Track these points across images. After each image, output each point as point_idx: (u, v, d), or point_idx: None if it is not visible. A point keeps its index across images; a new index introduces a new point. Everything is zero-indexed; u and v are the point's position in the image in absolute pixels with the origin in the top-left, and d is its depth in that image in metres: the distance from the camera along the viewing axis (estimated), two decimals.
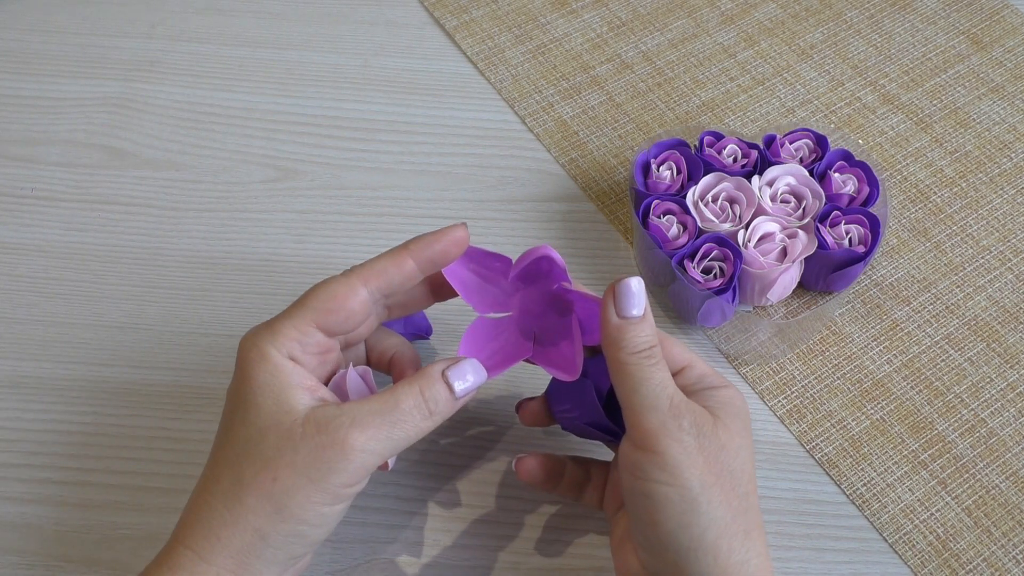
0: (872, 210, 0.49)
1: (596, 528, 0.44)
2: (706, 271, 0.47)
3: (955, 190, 0.55)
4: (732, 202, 0.49)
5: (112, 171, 0.56)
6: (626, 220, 0.54)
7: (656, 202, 0.48)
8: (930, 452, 0.46)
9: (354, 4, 0.65)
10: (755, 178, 0.49)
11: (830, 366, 0.49)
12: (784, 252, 0.47)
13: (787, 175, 0.49)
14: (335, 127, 0.58)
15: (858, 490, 0.45)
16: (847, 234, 0.48)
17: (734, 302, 0.46)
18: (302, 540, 0.33)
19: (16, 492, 0.44)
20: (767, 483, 0.45)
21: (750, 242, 0.47)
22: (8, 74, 0.60)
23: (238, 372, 0.35)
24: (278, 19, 0.64)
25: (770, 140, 0.51)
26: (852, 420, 0.47)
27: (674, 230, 0.47)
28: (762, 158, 0.50)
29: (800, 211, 0.48)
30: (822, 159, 0.50)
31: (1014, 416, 0.47)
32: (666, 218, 0.48)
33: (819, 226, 0.47)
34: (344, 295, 0.35)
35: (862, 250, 0.47)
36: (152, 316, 0.50)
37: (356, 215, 0.54)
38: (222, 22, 0.64)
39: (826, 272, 0.49)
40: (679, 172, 0.50)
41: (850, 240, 0.48)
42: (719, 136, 0.51)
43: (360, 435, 0.33)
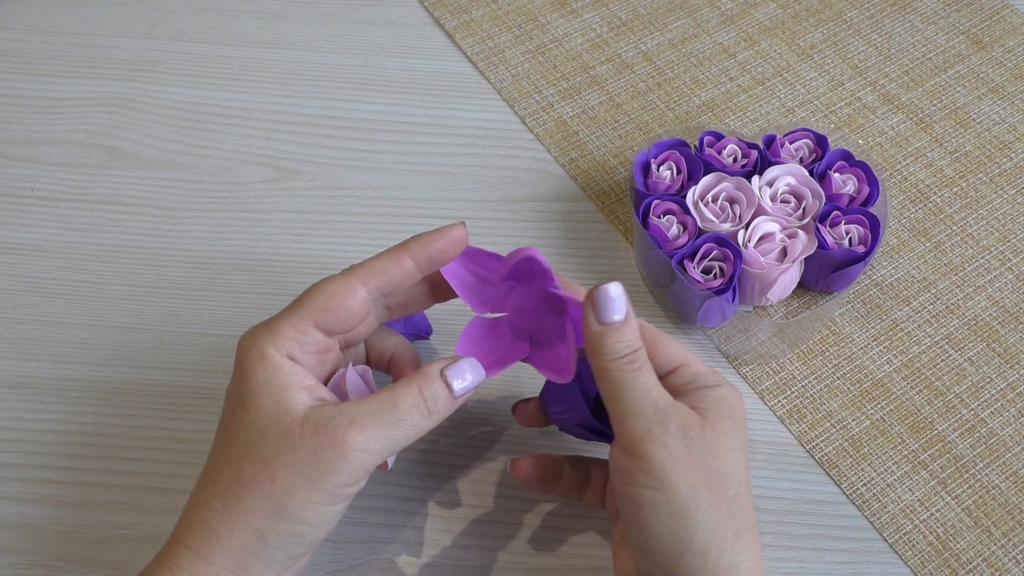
0: (872, 210, 0.49)
1: (596, 528, 0.44)
2: (706, 271, 0.47)
3: (955, 190, 0.55)
4: (732, 202, 0.48)
5: (112, 171, 0.56)
6: (626, 220, 0.54)
7: (656, 202, 0.48)
8: (930, 452, 0.46)
9: (354, 4, 0.65)
10: (755, 178, 0.49)
11: (830, 366, 0.49)
12: (784, 252, 0.47)
13: (787, 175, 0.49)
14: (335, 127, 0.58)
15: (858, 490, 0.45)
16: (847, 234, 0.48)
17: (734, 302, 0.46)
18: (301, 540, 0.33)
19: (16, 492, 0.44)
20: (767, 483, 0.45)
21: (750, 242, 0.47)
22: (8, 74, 0.60)
23: (237, 371, 0.35)
24: (278, 19, 0.64)
25: (770, 140, 0.51)
26: (852, 420, 0.47)
27: (674, 230, 0.47)
28: (762, 158, 0.50)
29: (800, 211, 0.48)
30: (822, 159, 0.50)
31: (1014, 416, 0.47)
32: (666, 218, 0.48)
33: (819, 226, 0.47)
34: (343, 294, 0.35)
35: (862, 250, 0.47)
36: (152, 316, 0.50)
37: (356, 215, 0.54)
38: (222, 22, 0.64)
39: (826, 272, 0.49)
40: (679, 172, 0.50)
41: (850, 240, 0.48)
42: (719, 136, 0.51)
43: (359, 435, 0.33)
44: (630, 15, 0.64)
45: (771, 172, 0.49)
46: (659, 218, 0.48)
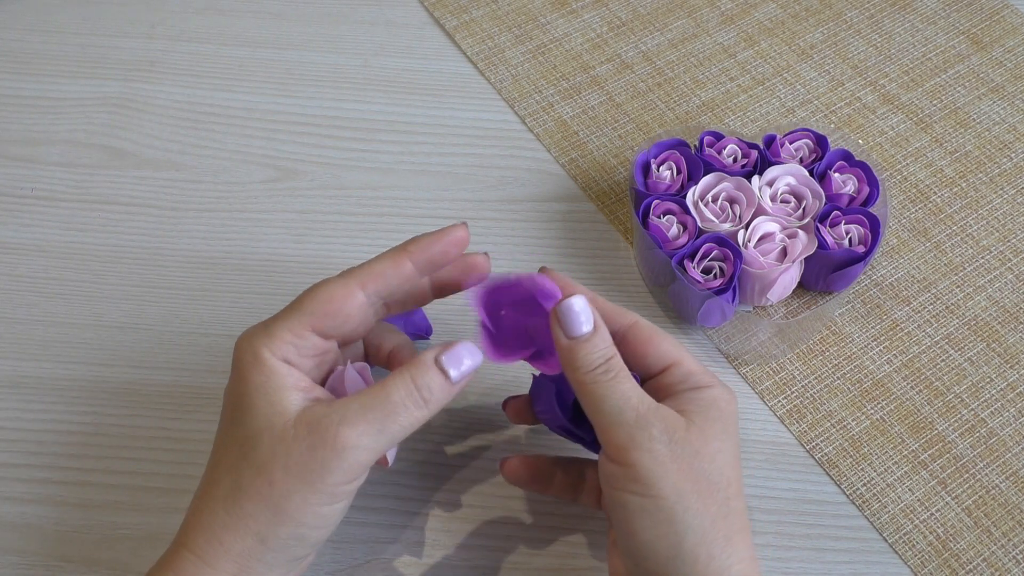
0: (872, 210, 0.49)
1: (596, 528, 0.44)
2: (706, 271, 0.47)
3: (955, 190, 0.55)
4: (732, 202, 0.48)
5: (112, 171, 0.56)
6: (626, 220, 0.54)
7: (656, 202, 0.48)
8: (930, 452, 0.46)
9: (354, 4, 0.65)
10: (755, 178, 0.49)
11: (830, 366, 0.49)
12: (784, 252, 0.47)
13: (787, 175, 0.49)
14: (335, 127, 0.58)
15: (858, 490, 0.45)
16: (847, 234, 0.48)
17: (734, 302, 0.46)
18: (303, 542, 0.33)
19: (16, 492, 0.44)
20: (767, 483, 0.45)
21: (750, 242, 0.47)
22: (8, 74, 0.60)
23: (234, 374, 0.35)
24: (278, 19, 0.64)
25: (770, 140, 0.51)
26: (852, 420, 0.47)
27: (674, 230, 0.47)
28: (762, 158, 0.50)
29: (800, 211, 0.48)
30: (822, 159, 0.50)
31: (1014, 416, 0.47)
32: (666, 218, 0.48)
33: (819, 226, 0.47)
34: (342, 298, 0.35)
35: (862, 250, 0.47)
36: (152, 316, 0.50)
37: (356, 215, 0.54)
38: (222, 22, 0.64)
39: (826, 272, 0.49)
40: (679, 172, 0.50)
41: (850, 240, 0.48)
42: (719, 136, 0.51)
43: (351, 431, 0.32)
44: (630, 15, 0.64)
45: (771, 172, 0.49)
46: (659, 218, 0.48)
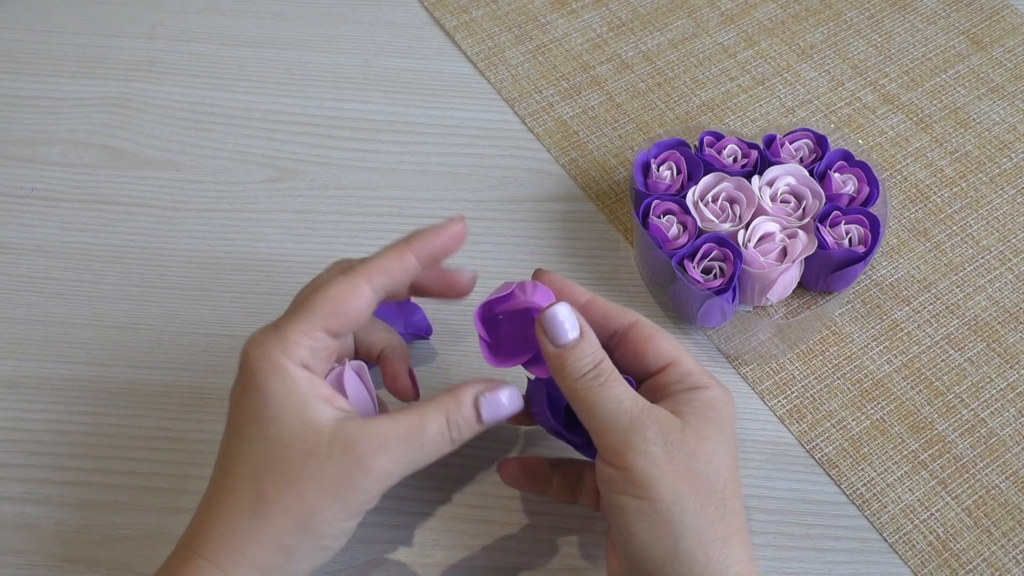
0: (872, 210, 0.49)
1: (597, 528, 0.44)
2: (706, 271, 0.47)
3: (955, 190, 0.55)
4: (732, 202, 0.48)
5: (112, 171, 0.56)
6: (626, 220, 0.54)
7: (656, 202, 0.48)
8: (930, 452, 0.46)
9: (354, 4, 0.65)
10: (755, 178, 0.49)
11: (830, 366, 0.49)
12: (784, 252, 0.47)
13: (787, 175, 0.49)
14: (335, 127, 0.58)
15: (858, 490, 0.45)
16: (847, 234, 0.48)
17: (734, 302, 0.46)
18: (324, 553, 0.34)
19: (16, 492, 0.44)
20: (767, 483, 0.45)
21: (750, 242, 0.47)
22: (8, 74, 0.60)
23: (248, 382, 0.34)
24: (278, 19, 0.64)
25: (770, 140, 0.51)
26: (852, 420, 0.47)
27: (674, 230, 0.47)
28: (762, 158, 0.50)
29: (800, 211, 0.48)
30: (822, 159, 0.50)
31: (1014, 416, 0.47)
32: (666, 218, 0.48)
33: (819, 226, 0.47)
34: (351, 296, 0.34)
35: (862, 250, 0.47)
36: (152, 316, 0.50)
37: (356, 215, 0.54)
38: (222, 22, 0.64)
39: (826, 272, 0.49)
40: (679, 172, 0.50)
41: (850, 240, 0.48)
42: (719, 136, 0.51)
43: (386, 459, 0.33)
44: (630, 15, 0.64)
45: (771, 172, 0.49)
46: (659, 218, 0.48)
